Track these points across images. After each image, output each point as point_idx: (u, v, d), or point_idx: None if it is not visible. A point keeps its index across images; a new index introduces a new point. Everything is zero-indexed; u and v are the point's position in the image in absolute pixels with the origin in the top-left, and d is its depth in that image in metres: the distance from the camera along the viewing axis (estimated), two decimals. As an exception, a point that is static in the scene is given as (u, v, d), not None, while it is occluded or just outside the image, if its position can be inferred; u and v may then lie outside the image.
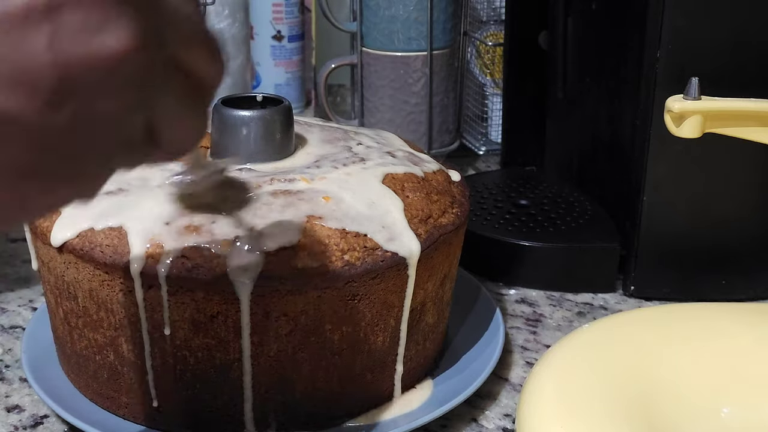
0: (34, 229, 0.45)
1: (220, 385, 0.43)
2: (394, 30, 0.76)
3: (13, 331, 0.56)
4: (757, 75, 0.55)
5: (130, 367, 0.44)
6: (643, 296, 0.61)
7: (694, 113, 0.45)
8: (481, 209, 0.67)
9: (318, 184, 0.45)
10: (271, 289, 0.41)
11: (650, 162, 0.57)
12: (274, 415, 0.44)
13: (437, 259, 0.46)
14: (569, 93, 0.71)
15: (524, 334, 0.57)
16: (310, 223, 0.42)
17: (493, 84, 0.87)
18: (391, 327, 0.45)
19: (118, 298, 0.42)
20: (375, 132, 0.54)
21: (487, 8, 0.85)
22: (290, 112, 0.49)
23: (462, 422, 0.48)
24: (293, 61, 0.96)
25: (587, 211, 0.66)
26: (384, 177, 0.46)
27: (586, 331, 0.47)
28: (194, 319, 0.41)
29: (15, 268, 0.64)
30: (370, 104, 0.79)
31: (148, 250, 0.41)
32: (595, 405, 0.40)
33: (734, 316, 0.48)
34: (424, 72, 0.77)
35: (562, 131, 0.74)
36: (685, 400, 0.42)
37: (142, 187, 0.44)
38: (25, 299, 0.60)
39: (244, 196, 0.43)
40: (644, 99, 0.56)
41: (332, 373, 0.44)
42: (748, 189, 0.58)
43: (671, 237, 0.59)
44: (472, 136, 0.86)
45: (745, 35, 0.54)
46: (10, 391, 0.50)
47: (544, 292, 0.62)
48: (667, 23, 0.54)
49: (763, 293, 0.60)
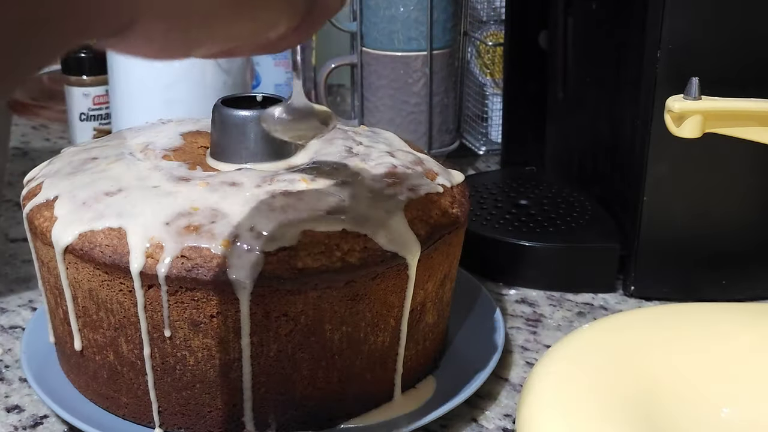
0: (34, 229, 0.45)
1: (220, 385, 0.43)
2: (394, 30, 0.76)
3: (13, 331, 0.56)
4: (757, 75, 0.55)
5: (130, 367, 0.44)
6: (643, 296, 0.61)
7: (694, 113, 0.45)
8: (481, 209, 0.67)
9: (318, 184, 0.45)
10: (271, 289, 0.41)
11: (650, 162, 0.57)
12: (274, 415, 0.44)
13: (437, 259, 0.46)
14: (569, 93, 0.71)
15: (524, 334, 0.57)
16: (310, 223, 0.42)
17: (493, 84, 0.87)
18: (391, 327, 0.45)
19: (117, 298, 0.42)
20: (375, 132, 0.54)
21: (487, 8, 0.85)
22: (290, 112, 0.49)
23: (462, 422, 0.48)
24: (293, 61, 0.96)
25: (587, 211, 0.66)
26: (384, 177, 0.46)
27: (586, 331, 0.47)
28: (194, 319, 0.41)
29: (15, 268, 0.64)
30: (370, 104, 0.79)
31: (148, 250, 0.41)
32: (595, 405, 0.40)
33: (734, 316, 0.48)
34: (424, 72, 0.77)
35: (562, 131, 0.74)
36: (685, 400, 0.42)
37: (141, 188, 0.44)
38: (25, 299, 0.60)
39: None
40: (644, 99, 0.56)
41: (332, 373, 0.44)
42: (748, 189, 0.58)
43: (671, 237, 0.59)
44: (472, 136, 0.86)
45: (745, 35, 0.54)
46: (10, 391, 0.50)
47: (544, 292, 0.62)
48: (667, 23, 0.54)
49: (763, 293, 0.60)
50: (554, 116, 0.75)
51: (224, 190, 0.44)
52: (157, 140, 0.50)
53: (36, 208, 0.45)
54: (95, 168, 0.47)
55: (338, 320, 0.43)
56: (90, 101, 0.82)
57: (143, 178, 0.45)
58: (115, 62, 0.69)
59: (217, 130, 0.48)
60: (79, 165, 0.48)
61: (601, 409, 0.40)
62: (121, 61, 0.69)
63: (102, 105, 0.83)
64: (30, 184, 0.48)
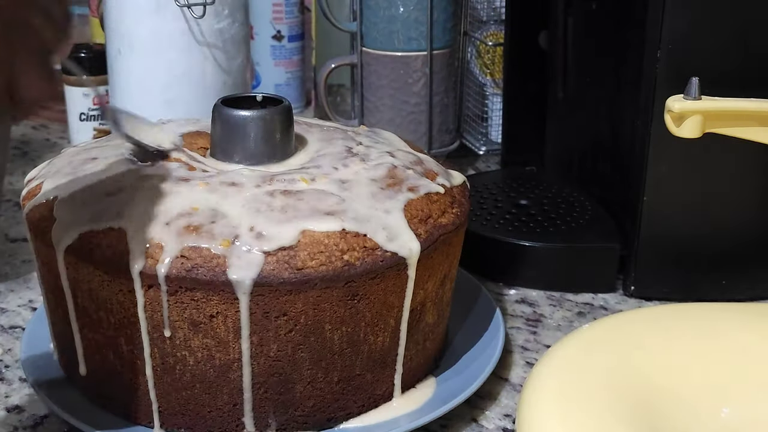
0: (34, 229, 0.45)
1: (220, 385, 0.43)
2: (394, 30, 0.76)
3: (13, 331, 0.56)
4: (757, 75, 0.55)
5: (129, 367, 0.44)
6: (643, 296, 0.61)
7: (694, 113, 0.45)
8: (481, 209, 0.67)
9: (318, 184, 0.45)
10: (271, 289, 0.41)
11: (650, 162, 0.57)
12: (274, 415, 0.44)
13: (437, 259, 0.46)
14: (569, 93, 0.71)
15: (524, 334, 0.57)
16: (310, 223, 0.42)
17: (493, 84, 0.87)
18: (391, 327, 0.45)
19: (117, 298, 0.42)
20: (375, 132, 0.54)
21: (487, 8, 0.85)
22: (290, 112, 0.49)
23: (462, 422, 0.48)
24: (293, 61, 0.96)
25: (587, 211, 0.66)
26: (384, 177, 0.46)
27: (586, 331, 0.47)
28: (194, 319, 0.41)
29: (15, 268, 0.64)
30: (370, 104, 0.79)
31: (148, 250, 0.41)
32: (595, 405, 0.40)
33: (734, 316, 0.48)
34: (424, 72, 0.77)
35: (562, 131, 0.74)
36: (686, 400, 0.42)
37: (141, 188, 0.44)
38: (25, 299, 0.60)
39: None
40: (644, 99, 0.56)
41: (332, 373, 0.44)
42: (748, 189, 0.58)
43: (671, 237, 0.59)
44: (472, 136, 0.86)
45: (745, 35, 0.54)
46: (10, 391, 0.50)
47: (544, 292, 0.62)
48: (667, 23, 0.54)
49: (763, 293, 0.60)
50: (554, 116, 0.75)
51: (224, 190, 0.44)
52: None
53: (36, 208, 0.45)
54: (95, 168, 0.47)
55: (338, 320, 0.43)
56: (90, 101, 0.82)
57: (143, 179, 0.45)
58: (115, 62, 0.69)
59: (217, 130, 0.48)
60: (79, 165, 0.48)
61: (601, 409, 0.40)
62: (121, 61, 0.69)
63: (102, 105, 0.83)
64: (30, 184, 0.48)
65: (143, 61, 0.67)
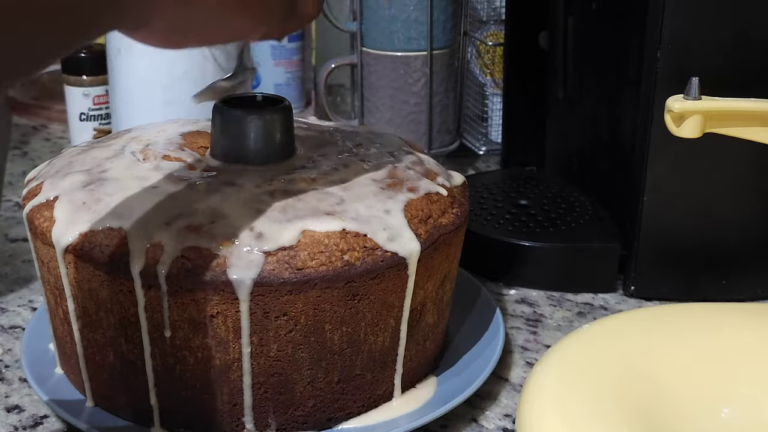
0: (34, 229, 0.45)
1: (220, 385, 0.43)
2: (394, 30, 0.76)
3: (13, 331, 0.56)
4: (757, 75, 0.55)
5: (130, 367, 0.44)
6: (643, 296, 0.61)
7: (694, 113, 0.45)
8: (481, 209, 0.67)
9: (318, 184, 0.45)
10: (271, 289, 0.41)
11: (650, 162, 0.57)
12: (274, 415, 0.44)
13: (437, 259, 0.46)
14: (569, 93, 0.71)
15: (524, 334, 0.57)
16: (310, 223, 0.42)
17: (493, 84, 0.87)
18: (391, 327, 0.45)
19: (117, 298, 0.42)
20: (375, 132, 0.54)
21: (487, 8, 0.85)
22: (290, 112, 0.49)
23: (462, 422, 0.48)
24: (293, 61, 0.96)
25: (587, 211, 0.66)
26: (384, 177, 0.46)
27: (586, 331, 0.47)
28: (194, 319, 0.41)
29: (15, 268, 0.64)
30: (370, 104, 0.79)
31: (148, 250, 0.41)
32: (595, 405, 0.40)
33: (734, 316, 0.48)
34: (424, 72, 0.77)
35: (562, 131, 0.74)
36: (685, 400, 0.42)
37: (142, 188, 0.44)
38: (25, 299, 0.60)
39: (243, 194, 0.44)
40: (644, 99, 0.56)
41: (332, 373, 0.44)
42: (748, 189, 0.58)
43: (671, 237, 0.59)
44: (472, 136, 0.86)
45: (745, 35, 0.54)
46: (9, 391, 0.50)
47: (544, 292, 0.62)
48: (667, 23, 0.54)
49: (763, 293, 0.60)
50: (554, 116, 0.75)
51: (224, 191, 0.44)
52: (157, 140, 0.50)
53: (36, 208, 0.45)
54: (95, 168, 0.47)
55: (338, 320, 0.43)
56: (90, 101, 0.82)
57: (143, 179, 0.45)
58: (115, 62, 0.69)
59: (217, 130, 0.48)
60: (79, 165, 0.48)
61: (601, 409, 0.40)
62: (121, 61, 0.69)
63: (102, 105, 0.83)
64: (30, 184, 0.48)
65: (143, 61, 0.67)
